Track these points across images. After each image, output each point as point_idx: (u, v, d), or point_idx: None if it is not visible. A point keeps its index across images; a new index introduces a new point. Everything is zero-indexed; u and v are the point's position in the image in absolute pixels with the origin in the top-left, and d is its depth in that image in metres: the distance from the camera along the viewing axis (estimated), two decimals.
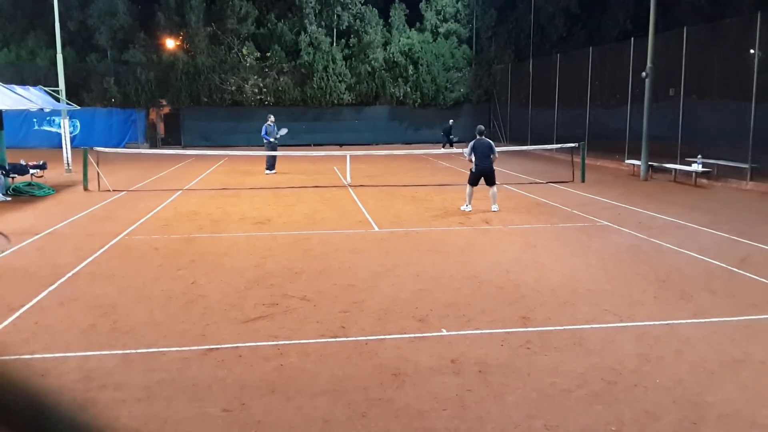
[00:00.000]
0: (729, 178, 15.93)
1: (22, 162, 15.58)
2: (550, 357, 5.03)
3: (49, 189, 14.80)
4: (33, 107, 16.04)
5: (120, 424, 4.00)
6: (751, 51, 15.67)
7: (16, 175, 14.84)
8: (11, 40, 30.74)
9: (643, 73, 17.40)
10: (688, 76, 17.83)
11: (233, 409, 4.20)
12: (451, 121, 27.96)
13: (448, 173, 19.40)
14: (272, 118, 19.31)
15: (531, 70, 28.39)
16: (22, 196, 14.06)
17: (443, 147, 26.15)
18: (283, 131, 19.09)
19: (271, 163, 19.10)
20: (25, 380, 0.69)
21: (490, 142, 11.90)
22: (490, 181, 11.81)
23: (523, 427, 3.95)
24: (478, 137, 11.80)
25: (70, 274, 7.50)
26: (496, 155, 11.84)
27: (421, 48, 32.80)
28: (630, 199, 13.45)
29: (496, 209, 11.75)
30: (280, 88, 31.48)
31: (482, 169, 11.65)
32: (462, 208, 11.94)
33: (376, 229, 10.46)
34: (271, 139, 19.00)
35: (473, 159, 11.69)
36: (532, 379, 4.61)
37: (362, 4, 32.63)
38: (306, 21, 31.73)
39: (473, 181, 11.82)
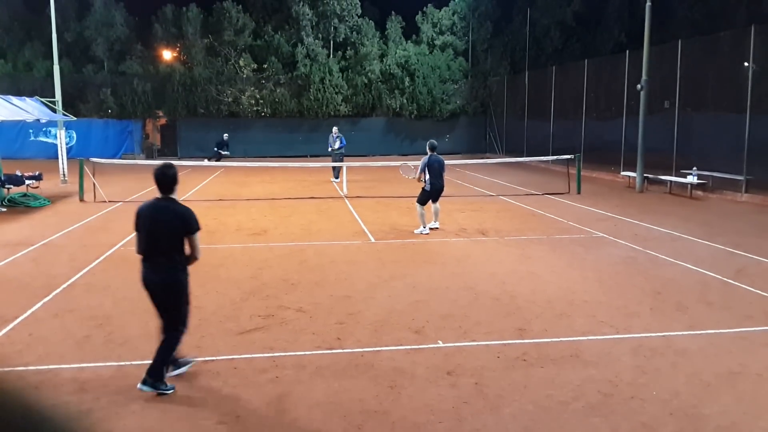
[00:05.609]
0: (724, 190, 16.00)
1: (18, 173, 15.53)
2: (546, 369, 5.02)
3: (44, 200, 14.76)
4: (29, 118, 16.04)
5: None
6: (745, 63, 15.80)
7: (11, 186, 14.80)
8: (8, 51, 30.80)
9: (639, 86, 17.52)
10: (683, 88, 17.95)
11: (228, 422, 4.17)
12: (225, 135, 25.68)
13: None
14: (335, 129, 19.84)
15: (527, 83, 28.55)
16: (17, 207, 14.01)
17: (210, 160, 24.18)
18: (336, 142, 19.38)
19: (335, 173, 19.58)
20: (20, 392, 0.69)
21: (442, 158, 11.04)
22: (437, 198, 11.13)
23: None
24: (430, 153, 10.79)
25: (65, 285, 7.48)
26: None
27: (418, 60, 32.99)
28: (625, 211, 13.49)
29: (437, 225, 11.14)
30: (276, 100, 31.56)
31: (438, 189, 10.88)
32: (417, 231, 10.86)
33: (373, 240, 10.46)
34: (329, 149, 19.79)
35: (427, 178, 10.76)
36: (529, 392, 4.60)
37: (359, 17, 32.86)
38: (303, 33, 31.90)
39: (425, 201, 10.92)
